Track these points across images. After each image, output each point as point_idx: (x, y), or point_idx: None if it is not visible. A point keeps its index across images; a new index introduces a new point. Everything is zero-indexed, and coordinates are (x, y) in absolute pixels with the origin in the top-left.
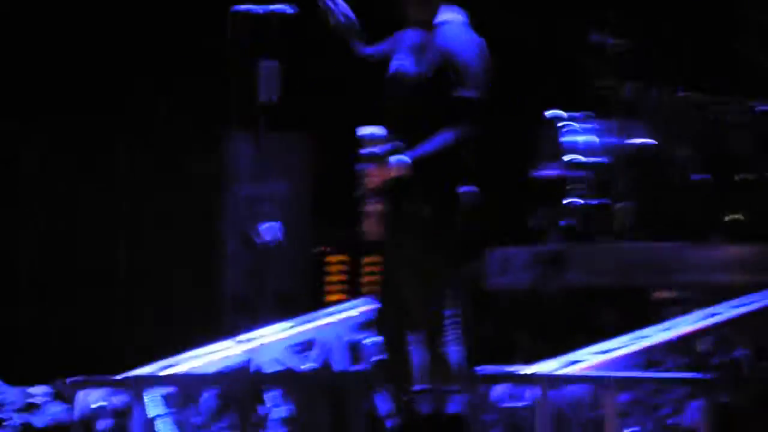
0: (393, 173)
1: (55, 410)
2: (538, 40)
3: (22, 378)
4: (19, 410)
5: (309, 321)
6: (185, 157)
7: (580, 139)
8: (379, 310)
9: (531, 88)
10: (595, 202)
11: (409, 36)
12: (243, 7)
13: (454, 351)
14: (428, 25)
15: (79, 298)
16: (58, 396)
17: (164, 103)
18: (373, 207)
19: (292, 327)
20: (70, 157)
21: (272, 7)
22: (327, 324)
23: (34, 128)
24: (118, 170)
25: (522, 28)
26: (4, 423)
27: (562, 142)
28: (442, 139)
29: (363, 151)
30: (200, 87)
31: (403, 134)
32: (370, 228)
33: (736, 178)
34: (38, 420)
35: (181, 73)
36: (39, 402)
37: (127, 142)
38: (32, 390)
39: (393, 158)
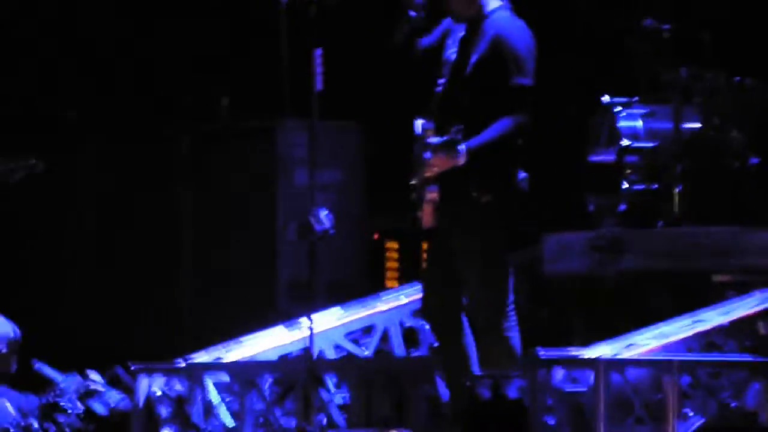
0: (452, 163)
1: (116, 397)
2: (592, 24)
3: (78, 366)
4: (81, 397)
5: (367, 307)
6: (242, 146)
7: (637, 124)
8: (426, 297)
9: (587, 73)
10: (651, 186)
11: (460, 26)
12: None
13: (514, 336)
14: (475, 17)
15: (138, 289)
16: (116, 383)
17: (220, 94)
18: (431, 195)
19: (349, 313)
20: (126, 148)
21: None
22: (385, 310)
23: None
24: (176, 161)
25: (573, 12)
26: (68, 411)
27: (619, 128)
28: (499, 127)
29: (426, 140)
30: (255, 77)
31: (461, 124)
32: (427, 215)
33: None
34: (99, 407)
35: (235, 64)
36: (98, 389)
37: (186, 131)
38: (92, 377)
39: (453, 148)
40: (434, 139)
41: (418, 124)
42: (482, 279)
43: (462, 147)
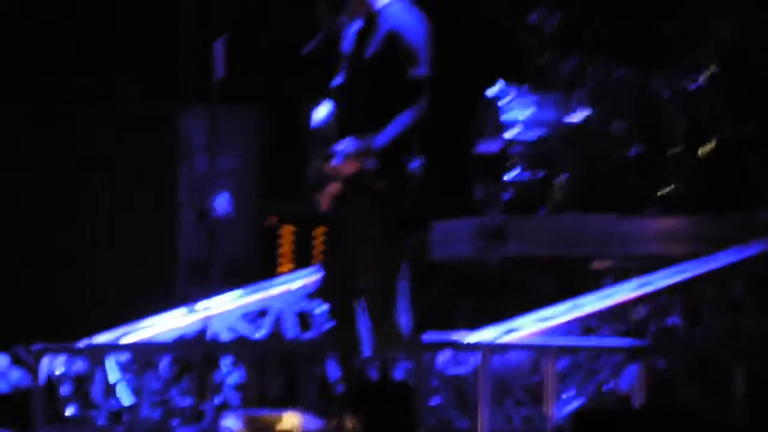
0: (358, 166)
1: (17, 376)
2: (478, 16)
3: None
4: None
5: (261, 290)
6: (142, 132)
7: (520, 114)
8: (324, 279)
9: (472, 63)
10: (537, 175)
11: (355, 24)
12: None
13: (404, 320)
14: (369, 13)
15: (40, 271)
16: (18, 362)
17: (123, 80)
18: (332, 185)
19: (245, 296)
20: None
21: None
22: (279, 293)
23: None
24: (78, 145)
25: (463, 3)
26: None
27: (503, 118)
28: (403, 120)
29: (334, 147)
30: (155, 64)
31: (363, 118)
32: (325, 199)
33: (671, 152)
34: (1, 385)
35: (136, 51)
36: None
37: (86, 117)
38: None
39: (351, 147)
40: (340, 147)
41: (318, 118)
42: (376, 262)
43: (357, 148)
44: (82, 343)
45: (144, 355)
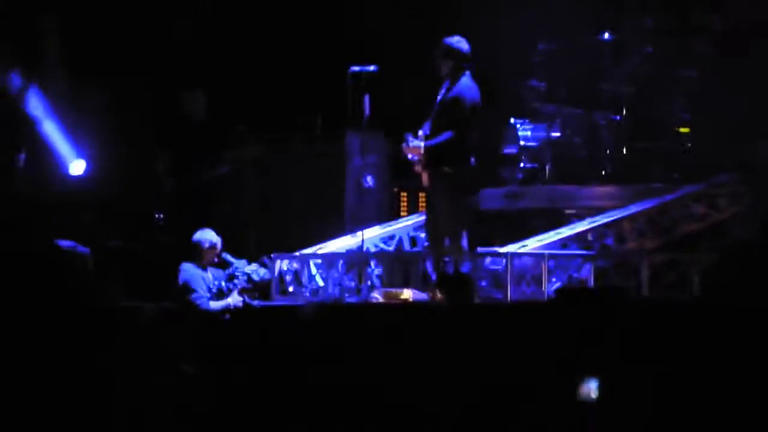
0: (410, 150)
1: (263, 271)
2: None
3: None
4: (246, 271)
5: (390, 225)
6: (325, 146)
7: (527, 133)
8: (426, 220)
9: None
10: (534, 165)
11: (444, 84)
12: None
13: (464, 241)
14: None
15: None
16: (263, 264)
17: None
18: (419, 167)
19: (381, 228)
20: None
21: None
22: (400, 227)
23: None
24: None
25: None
26: (239, 278)
27: (518, 135)
28: (441, 137)
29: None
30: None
31: (438, 129)
32: (424, 178)
33: (603, 154)
34: (255, 276)
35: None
36: (254, 268)
37: (298, 138)
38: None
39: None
40: (409, 135)
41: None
42: (447, 211)
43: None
44: (297, 253)
45: (329, 259)
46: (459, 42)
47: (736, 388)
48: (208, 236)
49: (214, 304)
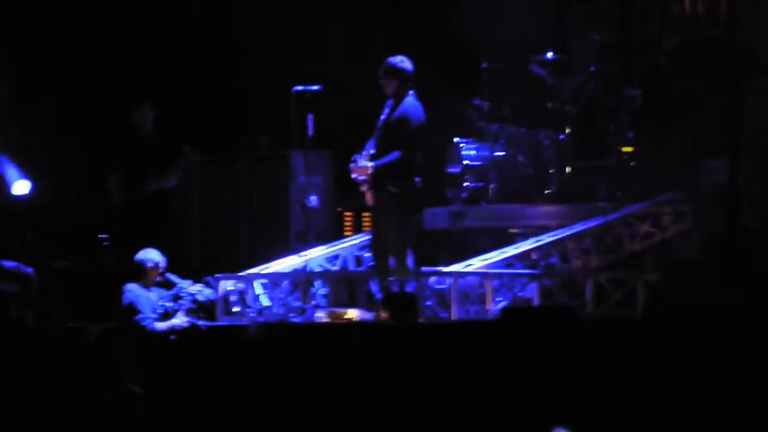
0: (358, 171)
1: (208, 292)
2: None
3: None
4: (191, 291)
5: (335, 245)
6: (273, 163)
7: (471, 152)
8: (371, 240)
9: (445, 128)
10: (478, 184)
11: (388, 103)
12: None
13: (409, 260)
14: (394, 96)
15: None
16: (208, 284)
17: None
18: (366, 188)
19: (326, 248)
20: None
21: None
22: (345, 246)
23: None
24: (239, 174)
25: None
26: (184, 299)
27: (463, 154)
28: (389, 157)
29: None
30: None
31: (383, 147)
32: (368, 197)
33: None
34: (200, 296)
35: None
36: (199, 288)
37: (246, 159)
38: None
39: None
40: (356, 156)
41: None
42: (392, 230)
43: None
44: (242, 273)
45: (274, 279)
46: (402, 61)
47: (681, 406)
48: (151, 256)
49: (160, 325)
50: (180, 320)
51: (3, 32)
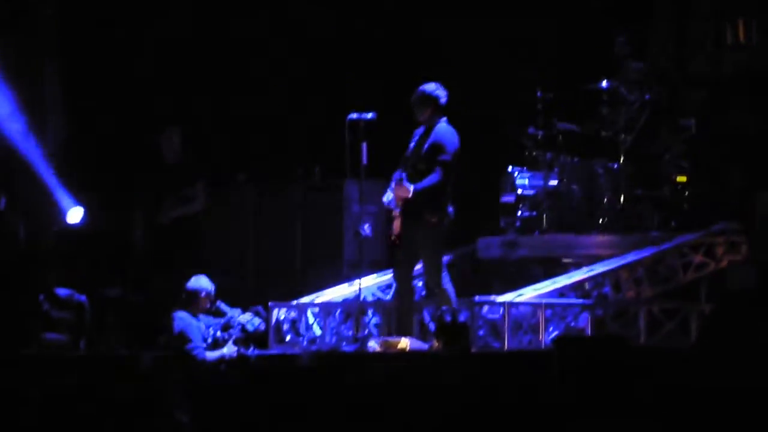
0: (399, 193)
1: (257, 322)
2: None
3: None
4: (242, 320)
5: (388, 274)
6: (324, 195)
7: (524, 181)
8: (395, 271)
9: (498, 155)
10: (532, 213)
11: (418, 132)
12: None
13: (449, 289)
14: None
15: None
16: (258, 314)
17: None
18: (396, 213)
19: (379, 276)
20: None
21: None
22: None
23: None
24: (293, 200)
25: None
26: (233, 327)
27: (516, 183)
28: (428, 180)
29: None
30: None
31: (416, 176)
32: (396, 225)
33: (602, 203)
34: (249, 326)
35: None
36: (249, 318)
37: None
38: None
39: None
40: (396, 175)
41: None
42: (429, 260)
43: (410, 185)
44: (294, 302)
45: (327, 308)
46: (436, 89)
47: None
48: (203, 284)
49: (211, 354)
50: (229, 350)
51: (59, 68)
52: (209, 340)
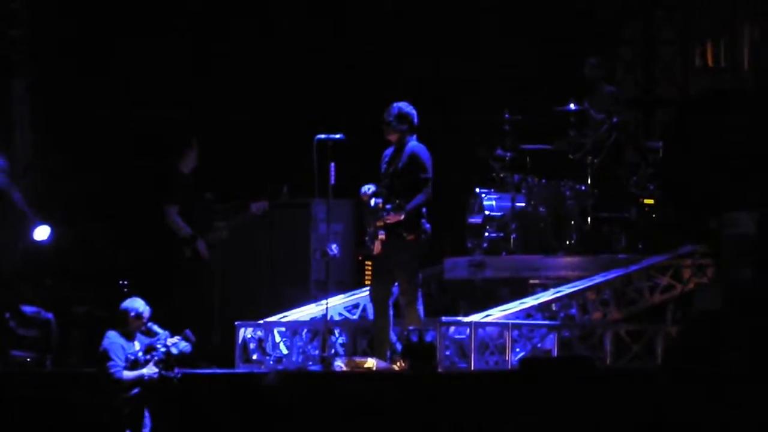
0: (399, 218)
1: (183, 346)
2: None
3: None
4: (167, 343)
5: (355, 294)
6: (291, 214)
7: (492, 203)
8: (372, 289)
9: (467, 176)
10: (500, 234)
11: (387, 152)
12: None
13: (420, 309)
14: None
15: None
16: (186, 338)
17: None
18: (381, 236)
19: (346, 297)
20: None
21: None
22: (365, 295)
23: None
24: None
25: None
26: (158, 349)
27: (483, 204)
28: (418, 199)
29: (381, 207)
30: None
31: (398, 198)
32: (377, 247)
33: (568, 224)
34: (174, 349)
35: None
36: (175, 341)
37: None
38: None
39: (399, 209)
40: (388, 206)
41: (373, 201)
42: (407, 278)
43: (394, 209)
44: (261, 321)
45: (293, 327)
46: (409, 106)
47: None
48: (135, 305)
49: (128, 374)
50: (149, 370)
51: (35, 76)
52: (131, 360)
